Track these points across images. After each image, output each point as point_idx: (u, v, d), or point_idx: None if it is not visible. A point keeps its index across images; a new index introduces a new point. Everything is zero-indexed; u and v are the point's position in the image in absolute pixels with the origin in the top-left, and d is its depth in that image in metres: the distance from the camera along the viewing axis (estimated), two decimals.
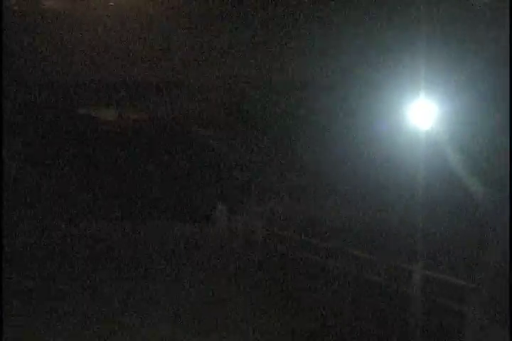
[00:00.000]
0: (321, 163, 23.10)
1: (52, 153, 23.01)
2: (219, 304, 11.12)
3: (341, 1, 21.69)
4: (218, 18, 24.02)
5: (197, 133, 25.61)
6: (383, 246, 14.32)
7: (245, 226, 18.56)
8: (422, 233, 9.10)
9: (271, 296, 11.99)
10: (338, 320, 10.13)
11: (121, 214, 21.68)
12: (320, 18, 22.68)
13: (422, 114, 5.05)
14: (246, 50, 23.88)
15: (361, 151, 20.60)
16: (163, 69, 24.29)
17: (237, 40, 23.97)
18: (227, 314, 10.54)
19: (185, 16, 24.22)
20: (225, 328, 9.69)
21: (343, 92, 20.96)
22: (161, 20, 24.23)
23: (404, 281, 9.38)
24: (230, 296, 11.86)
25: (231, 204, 22.79)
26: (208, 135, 25.79)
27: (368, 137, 19.36)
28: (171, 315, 10.29)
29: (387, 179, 19.15)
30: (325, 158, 22.63)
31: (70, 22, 23.95)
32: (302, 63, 23.38)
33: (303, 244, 14.23)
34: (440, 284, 9.17)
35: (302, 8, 23.27)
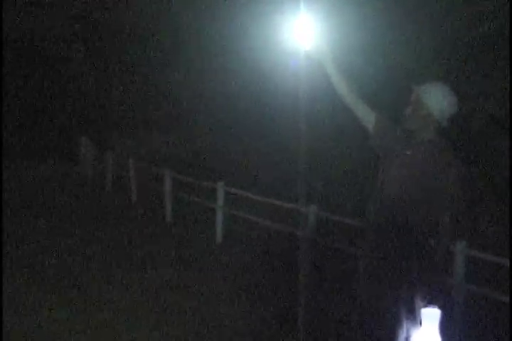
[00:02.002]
0: (196, 92, 22.15)
1: None
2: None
3: None
4: None
5: (55, 56, 23.18)
6: (270, 186, 13.85)
7: (115, 164, 17.28)
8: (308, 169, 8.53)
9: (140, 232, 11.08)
10: None
11: None
12: None
13: (301, 33, 4.36)
14: None
15: (237, 76, 19.46)
16: None
17: None
18: None
19: None
20: None
21: (216, 14, 19.57)
22: None
23: (299, 225, 8.91)
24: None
25: (98, 139, 21.35)
26: (68, 57, 23.54)
27: (244, 61, 18.06)
28: None
29: (266, 106, 18.29)
30: (199, 87, 21.64)
31: None
32: None
33: (178, 182, 13.29)
34: (335, 226, 8.96)
35: None
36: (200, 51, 21.05)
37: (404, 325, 4.07)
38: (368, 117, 4.37)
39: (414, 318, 4.03)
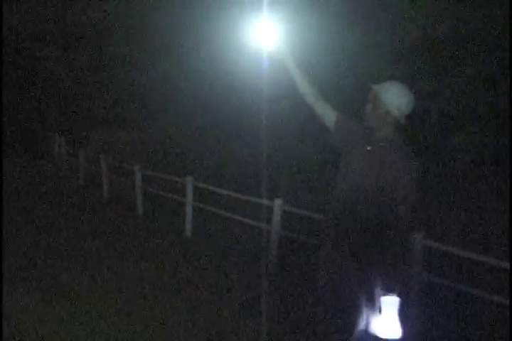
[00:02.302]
0: (167, 91, 22.02)
1: None
2: None
3: None
4: None
5: (31, 55, 22.75)
6: (238, 182, 13.83)
7: (87, 160, 17.16)
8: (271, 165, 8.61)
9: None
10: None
11: None
12: None
13: (264, 34, 4.35)
14: None
15: (206, 77, 19.33)
16: None
17: None
18: None
19: None
20: None
21: (185, 15, 19.38)
22: None
23: (263, 217, 8.94)
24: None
25: (71, 136, 21.11)
26: (45, 56, 23.12)
27: (213, 62, 17.94)
28: None
29: (234, 106, 18.24)
30: (170, 87, 21.51)
31: None
32: None
33: (148, 177, 13.24)
34: (300, 219, 8.98)
35: None
36: (169, 51, 20.91)
37: (365, 312, 4.11)
38: (328, 116, 4.40)
39: (374, 306, 4.08)
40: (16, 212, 12.45)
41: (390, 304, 3.94)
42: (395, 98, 4.19)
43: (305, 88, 4.38)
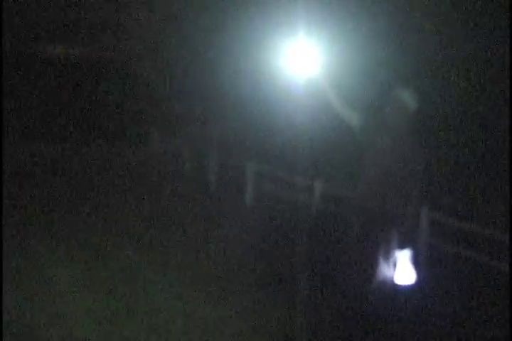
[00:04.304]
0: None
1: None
2: None
3: None
4: None
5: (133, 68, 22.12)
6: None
7: (178, 149, 15.50)
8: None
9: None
10: None
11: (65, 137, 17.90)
12: None
13: (301, 60, 3.98)
14: None
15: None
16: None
17: None
18: None
19: None
20: None
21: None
22: None
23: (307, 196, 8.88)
24: None
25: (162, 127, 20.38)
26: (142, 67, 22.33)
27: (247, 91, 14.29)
28: None
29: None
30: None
31: None
32: None
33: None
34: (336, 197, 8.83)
35: None
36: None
37: (382, 265, 4.22)
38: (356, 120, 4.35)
39: (390, 260, 4.19)
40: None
41: (404, 256, 4.08)
42: (411, 102, 4.19)
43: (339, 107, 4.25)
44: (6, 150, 13.05)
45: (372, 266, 4.20)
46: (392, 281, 4.16)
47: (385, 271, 4.19)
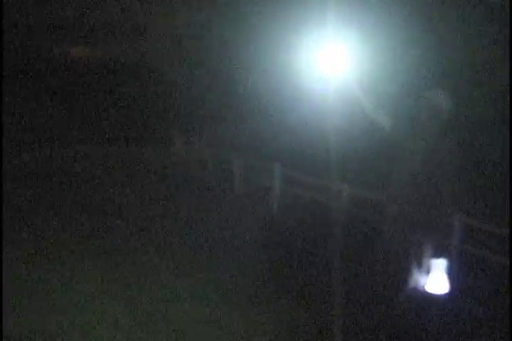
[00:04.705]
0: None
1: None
2: None
3: None
4: None
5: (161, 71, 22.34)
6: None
7: (199, 151, 15.88)
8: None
9: None
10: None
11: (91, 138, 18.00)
12: None
13: (331, 62, 3.94)
14: None
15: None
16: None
17: None
18: None
19: None
20: None
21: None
22: None
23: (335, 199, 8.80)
24: None
25: (184, 130, 20.51)
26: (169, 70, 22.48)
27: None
28: None
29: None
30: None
31: None
32: None
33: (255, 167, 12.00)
34: (365, 201, 8.77)
35: None
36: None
37: (415, 273, 4.11)
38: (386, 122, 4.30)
39: (423, 268, 4.07)
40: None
41: (440, 265, 3.96)
42: (442, 103, 4.13)
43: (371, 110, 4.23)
44: (30, 152, 13.33)
45: (405, 273, 4.10)
46: (425, 290, 4.06)
47: (417, 279, 4.09)
